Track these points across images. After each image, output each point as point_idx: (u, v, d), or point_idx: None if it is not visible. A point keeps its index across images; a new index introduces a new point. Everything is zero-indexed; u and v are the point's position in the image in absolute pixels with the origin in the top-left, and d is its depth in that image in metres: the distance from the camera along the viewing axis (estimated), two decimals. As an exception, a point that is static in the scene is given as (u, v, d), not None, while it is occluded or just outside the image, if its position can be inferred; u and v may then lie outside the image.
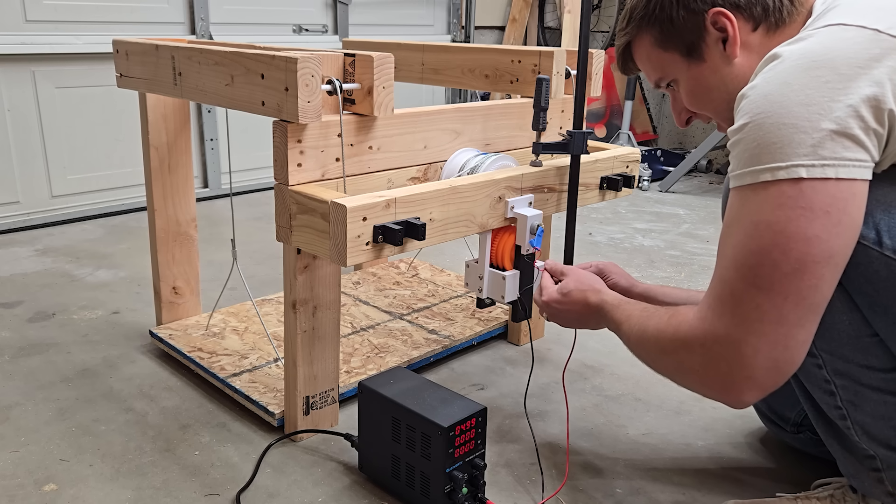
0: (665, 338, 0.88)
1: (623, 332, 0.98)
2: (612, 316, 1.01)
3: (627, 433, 1.27)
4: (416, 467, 1.02)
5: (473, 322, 1.60)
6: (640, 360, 0.96)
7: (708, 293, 0.83)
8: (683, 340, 0.85)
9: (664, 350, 0.88)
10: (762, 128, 0.76)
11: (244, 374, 1.35)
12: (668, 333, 0.87)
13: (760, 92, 0.77)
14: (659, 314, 0.92)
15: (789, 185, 0.74)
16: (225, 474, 1.13)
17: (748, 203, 0.78)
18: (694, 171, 3.38)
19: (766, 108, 0.76)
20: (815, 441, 1.13)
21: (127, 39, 1.38)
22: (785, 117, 0.74)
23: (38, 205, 2.43)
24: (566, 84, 1.40)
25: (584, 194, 1.32)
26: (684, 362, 0.85)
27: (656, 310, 0.94)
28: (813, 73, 0.75)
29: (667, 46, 0.95)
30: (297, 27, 3.00)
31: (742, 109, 0.79)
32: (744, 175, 0.78)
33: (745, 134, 0.77)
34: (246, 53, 1.09)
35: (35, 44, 2.31)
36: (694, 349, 0.83)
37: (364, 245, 1.00)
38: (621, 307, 1.00)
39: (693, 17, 0.91)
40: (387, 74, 1.08)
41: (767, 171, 0.75)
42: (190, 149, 1.49)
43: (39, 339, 1.59)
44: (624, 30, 1.00)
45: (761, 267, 0.76)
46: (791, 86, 0.75)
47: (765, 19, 0.88)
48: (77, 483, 1.10)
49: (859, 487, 0.95)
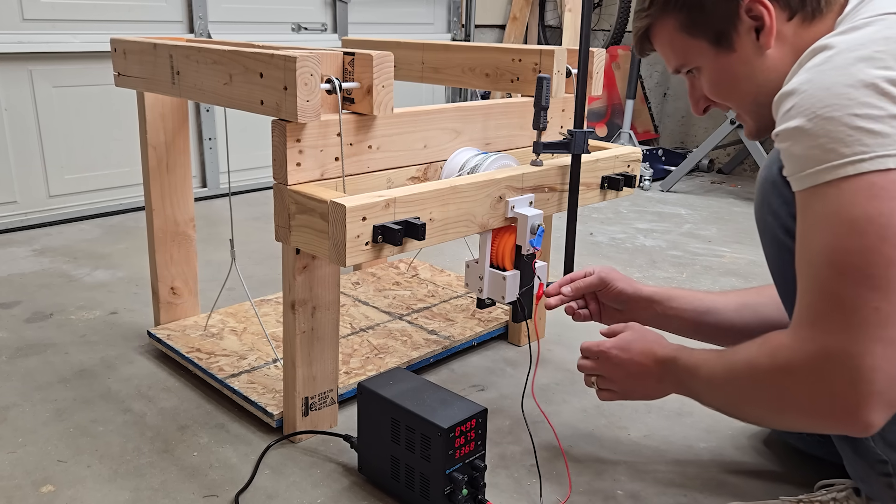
0: (761, 370, 0.80)
1: (702, 376, 0.90)
2: (685, 363, 0.93)
3: (629, 435, 1.27)
4: (415, 469, 1.02)
5: (473, 323, 1.59)
6: (725, 408, 0.89)
7: (800, 311, 0.77)
8: (784, 368, 0.77)
9: (760, 384, 0.80)
10: (832, 121, 0.72)
11: (243, 374, 1.34)
12: (764, 364, 0.79)
13: (820, 84, 0.74)
14: (745, 347, 0.84)
15: (879, 176, 0.70)
16: (223, 475, 1.12)
17: (830, 201, 0.73)
18: (696, 170, 3.38)
19: (831, 101, 0.72)
20: (821, 439, 1.12)
21: (125, 38, 1.37)
22: (855, 108, 0.71)
23: (35, 204, 2.42)
24: (567, 83, 1.40)
25: (585, 194, 1.32)
26: (789, 393, 0.77)
27: (738, 347, 0.86)
28: (877, 62, 0.72)
29: (693, 33, 0.90)
30: (296, 26, 3.00)
31: (799, 105, 0.75)
32: (818, 173, 0.73)
33: (812, 129, 0.73)
34: (244, 52, 1.08)
35: (32, 42, 2.31)
36: (800, 375, 0.75)
37: (363, 245, 0.99)
38: (694, 352, 0.93)
39: (726, 4, 0.86)
40: (386, 73, 1.08)
41: (848, 164, 0.71)
42: (188, 148, 1.49)
43: (37, 339, 1.59)
44: (645, 11, 0.94)
45: (872, 266, 0.70)
46: (856, 76, 0.72)
47: (801, 9, 0.85)
48: (75, 484, 1.09)
49: (867, 491, 0.94)
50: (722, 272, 2.12)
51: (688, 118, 3.70)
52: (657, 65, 3.72)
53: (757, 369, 0.81)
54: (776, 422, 0.83)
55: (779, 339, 0.79)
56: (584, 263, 2.14)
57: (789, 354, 0.77)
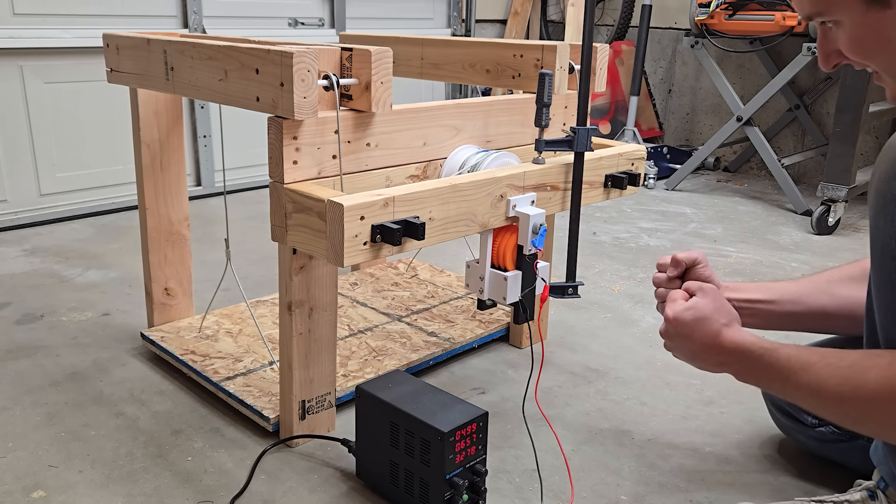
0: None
1: (802, 383, 0.85)
2: (772, 360, 0.88)
3: (633, 438, 1.25)
4: (415, 473, 1.00)
5: (474, 324, 1.57)
6: (824, 415, 0.86)
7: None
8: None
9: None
10: None
11: (238, 377, 1.32)
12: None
13: None
14: (876, 365, 0.79)
15: None
16: (218, 481, 1.11)
17: None
18: (701, 168, 3.34)
19: None
20: (837, 436, 1.09)
21: (117, 33, 1.35)
22: None
23: (25, 203, 2.40)
24: (570, 79, 1.38)
25: (588, 193, 1.30)
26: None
27: (860, 359, 0.81)
28: None
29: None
30: (293, 21, 2.98)
31: None
32: None
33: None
34: (240, 48, 1.07)
35: (23, 38, 2.28)
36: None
37: (362, 245, 0.98)
38: (781, 350, 0.88)
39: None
40: (385, 69, 1.06)
41: None
42: (182, 146, 1.47)
43: (27, 341, 1.57)
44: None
45: None
46: None
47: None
48: (66, 490, 1.08)
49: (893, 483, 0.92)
50: (727, 272, 2.10)
51: (693, 115, 3.68)
52: (661, 60, 3.70)
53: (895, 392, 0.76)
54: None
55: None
56: (587, 264, 2.13)
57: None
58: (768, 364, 0.89)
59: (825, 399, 0.84)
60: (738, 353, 0.92)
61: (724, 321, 0.95)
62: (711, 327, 0.95)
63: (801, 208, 2.75)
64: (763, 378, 0.92)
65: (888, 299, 0.85)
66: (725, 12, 2.78)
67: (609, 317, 1.77)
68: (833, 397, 0.83)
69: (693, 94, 3.63)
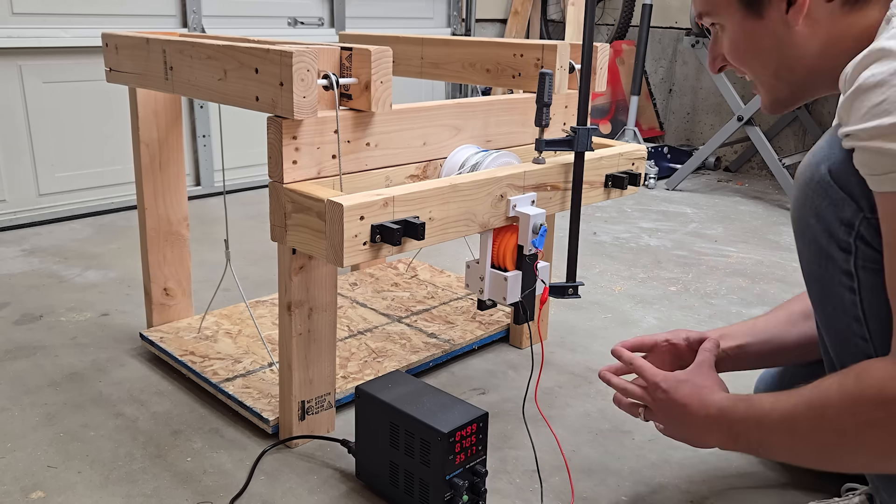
0: (867, 405, 0.71)
1: (774, 422, 0.80)
2: (744, 412, 0.85)
3: (633, 439, 1.25)
4: (415, 474, 1.00)
5: (474, 325, 1.57)
6: (810, 456, 0.80)
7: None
8: None
9: (868, 423, 0.71)
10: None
11: (237, 378, 1.32)
12: (870, 398, 0.70)
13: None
14: (834, 382, 0.75)
15: None
16: (218, 481, 1.11)
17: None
18: (702, 168, 3.34)
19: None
20: None
21: (116, 33, 1.35)
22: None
23: (24, 203, 2.40)
24: (570, 79, 1.38)
25: (589, 192, 1.30)
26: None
27: (820, 382, 0.77)
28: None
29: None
30: (293, 20, 2.98)
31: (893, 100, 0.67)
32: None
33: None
34: (239, 47, 1.07)
35: (22, 37, 2.28)
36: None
37: (361, 245, 0.98)
38: (754, 398, 0.85)
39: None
40: (385, 69, 1.06)
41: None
42: (181, 145, 1.47)
43: (26, 341, 1.56)
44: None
45: None
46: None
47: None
48: (65, 490, 1.08)
49: None
50: (728, 272, 2.10)
51: (693, 115, 3.68)
52: (662, 60, 3.70)
53: (860, 407, 0.72)
54: (885, 466, 0.73)
55: (881, 371, 0.71)
56: (587, 264, 2.13)
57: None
58: (743, 415, 0.86)
59: (800, 435, 0.79)
60: (720, 413, 0.88)
61: (701, 385, 0.92)
62: (688, 391, 0.92)
63: (802, 208, 2.75)
64: (743, 436, 0.86)
65: (820, 321, 0.86)
66: (726, 12, 2.78)
67: (609, 317, 1.76)
68: (806, 429, 0.78)
69: (694, 93, 3.63)
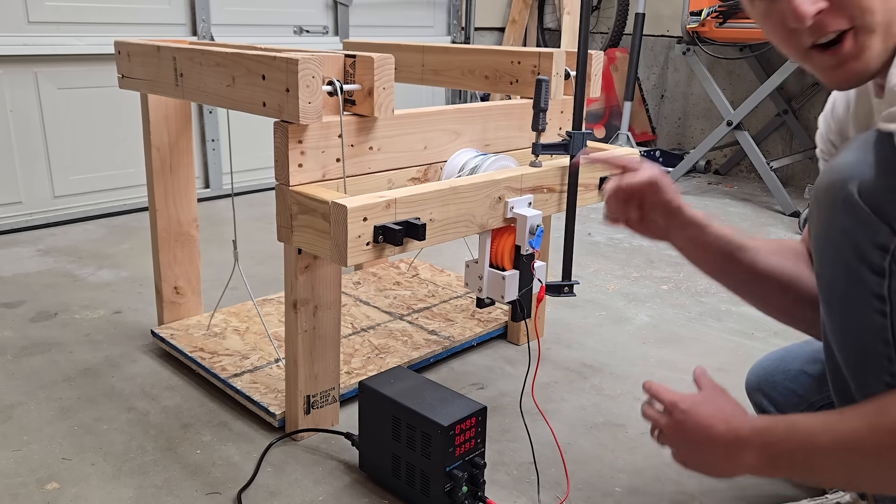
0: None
1: (826, 444, 0.73)
2: (790, 429, 0.75)
3: (627, 432, 1.27)
4: (416, 466, 1.02)
5: (473, 323, 1.60)
6: (866, 482, 0.73)
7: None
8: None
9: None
10: None
11: (245, 374, 1.35)
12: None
13: None
14: (888, 397, 0.69)
15: None
16: (226, 473, 1.13)
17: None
18: (692, 171, 3.39)
19: None
20: None
21: (129, 41, 1.38)
22: None
23: (40, 205, 2.44)
24: (566, 85, 1.40)
25: (584, 195, 1.32)
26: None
27: (881, 404, 0.70)
28: None
29: None
30: (298, 28, 3.00)
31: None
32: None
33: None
34: (247, 55, 1.09)
35: (37, 45, 2.32)
36: None
37: (364, 245, 1.00)
38: (798, 418, 0.76)
39: None
40: (387, 75, 1.08)
41: None
42: (191, 149, 1.50)
43: (42, 338, 1.60)
44: None
45: None
46: None
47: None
48: (79, 482, 1.10)
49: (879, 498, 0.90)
50: (721, 272, 2.12)
51: (684, 120, 3.71)
52: (654, 67, 3.73)
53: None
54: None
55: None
56: (582, 263, 2.16)
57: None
58: (787, 433, 0.77)
59: (864, 450, 0.71)
60: (757, 433, 0.79)
61: (725, 408, 0.84)
62: (710, 411, 0.84)
63: (790, 210, 2.77)
64: (782, 455, 0.77)
65: (835, 337, 0.79)
66: (716, 20, 2.82)
67: (604, 314, 1.79)
68: (871, 445, 0.70)
69: (685, 99, 3.66)
